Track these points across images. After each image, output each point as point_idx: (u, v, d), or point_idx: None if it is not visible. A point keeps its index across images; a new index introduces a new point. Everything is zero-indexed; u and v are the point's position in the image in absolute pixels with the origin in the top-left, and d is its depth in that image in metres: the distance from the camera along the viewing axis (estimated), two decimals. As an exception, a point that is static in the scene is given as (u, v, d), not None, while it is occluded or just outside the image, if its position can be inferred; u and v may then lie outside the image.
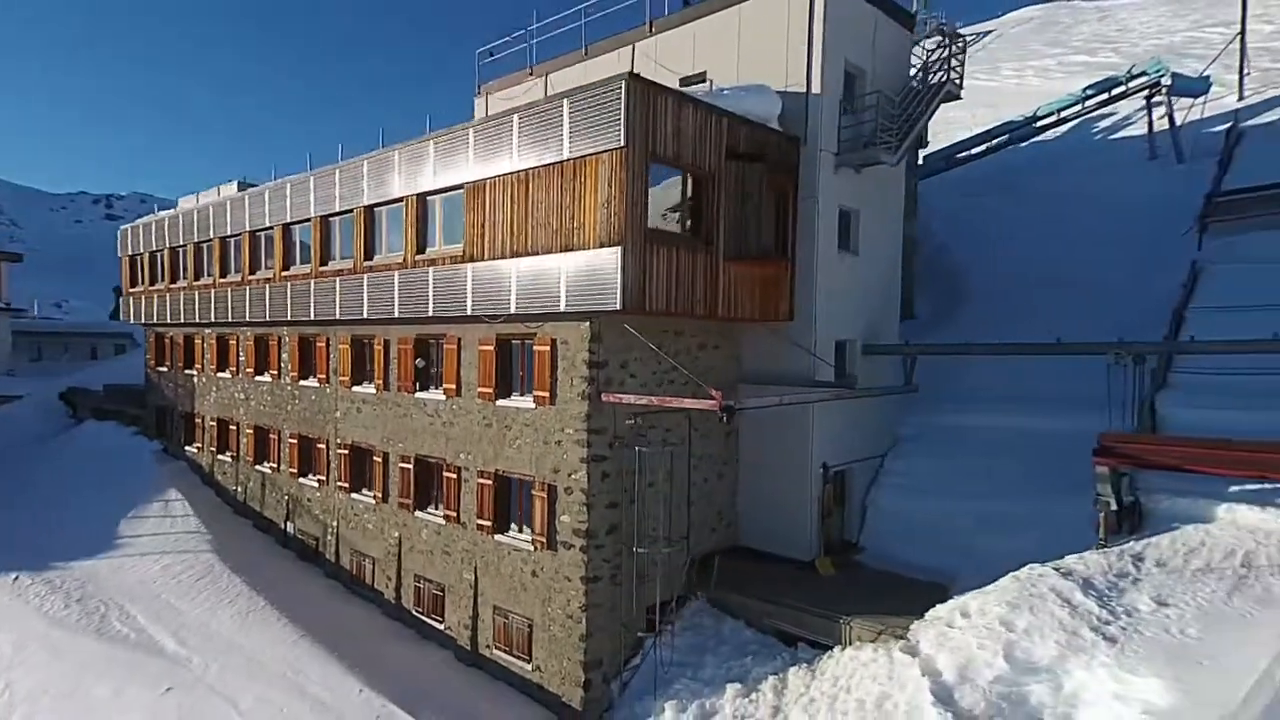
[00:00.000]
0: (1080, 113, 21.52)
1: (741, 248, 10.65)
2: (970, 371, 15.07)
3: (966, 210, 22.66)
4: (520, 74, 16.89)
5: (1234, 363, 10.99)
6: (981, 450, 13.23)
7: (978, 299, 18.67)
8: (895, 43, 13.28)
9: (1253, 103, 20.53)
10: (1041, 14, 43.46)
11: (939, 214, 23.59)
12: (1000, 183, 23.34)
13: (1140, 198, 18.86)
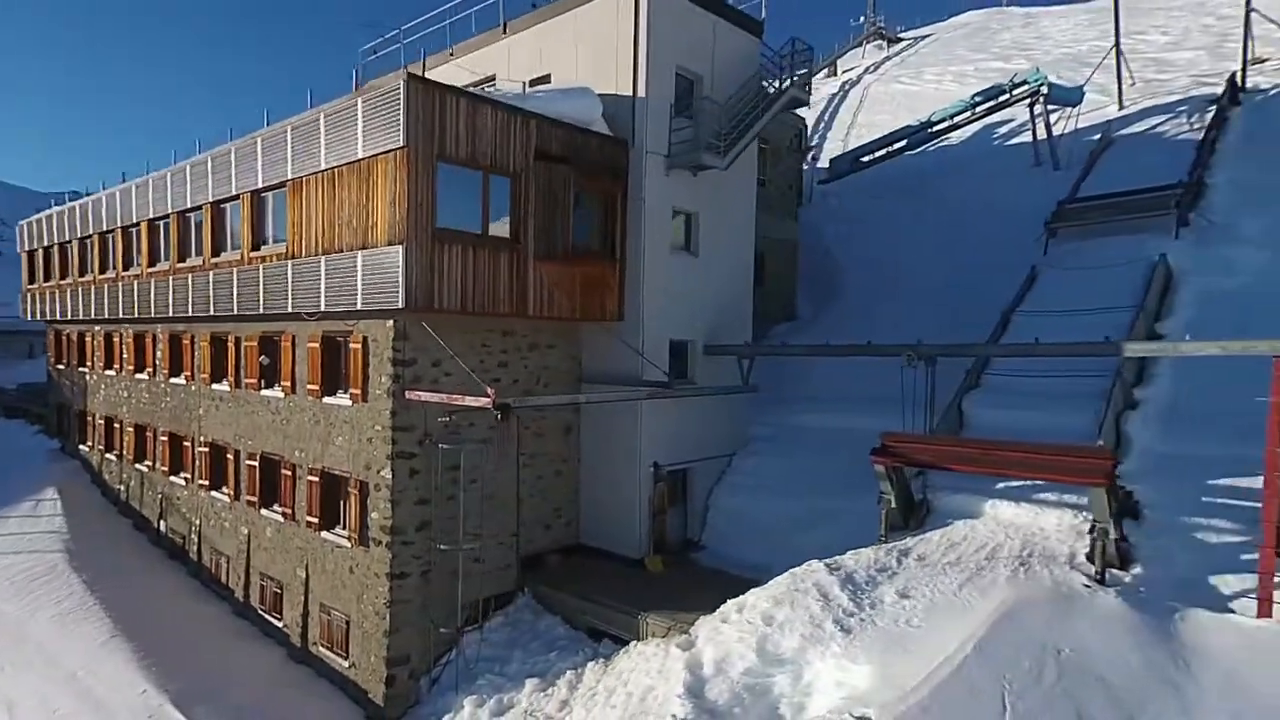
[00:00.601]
0: (971, 118, 22.00)
1: (552, 248, 10.81)
2: (820, 372, 15.42)
3: (866, 212, 23.07)
4: (397, 73, 16.89)
5: (1038, 365, 11.40)
6: (816, 449, 13.54)
7: (851, 299, 19.07)
8: (740, 50, 13.47)
9: (1129, 112, 21.14)
10: (978, 19, 44.22)
11: (841, 215, 24.03)
12: (903, 186, 23.80)
13: (1019, 203, 19.32)
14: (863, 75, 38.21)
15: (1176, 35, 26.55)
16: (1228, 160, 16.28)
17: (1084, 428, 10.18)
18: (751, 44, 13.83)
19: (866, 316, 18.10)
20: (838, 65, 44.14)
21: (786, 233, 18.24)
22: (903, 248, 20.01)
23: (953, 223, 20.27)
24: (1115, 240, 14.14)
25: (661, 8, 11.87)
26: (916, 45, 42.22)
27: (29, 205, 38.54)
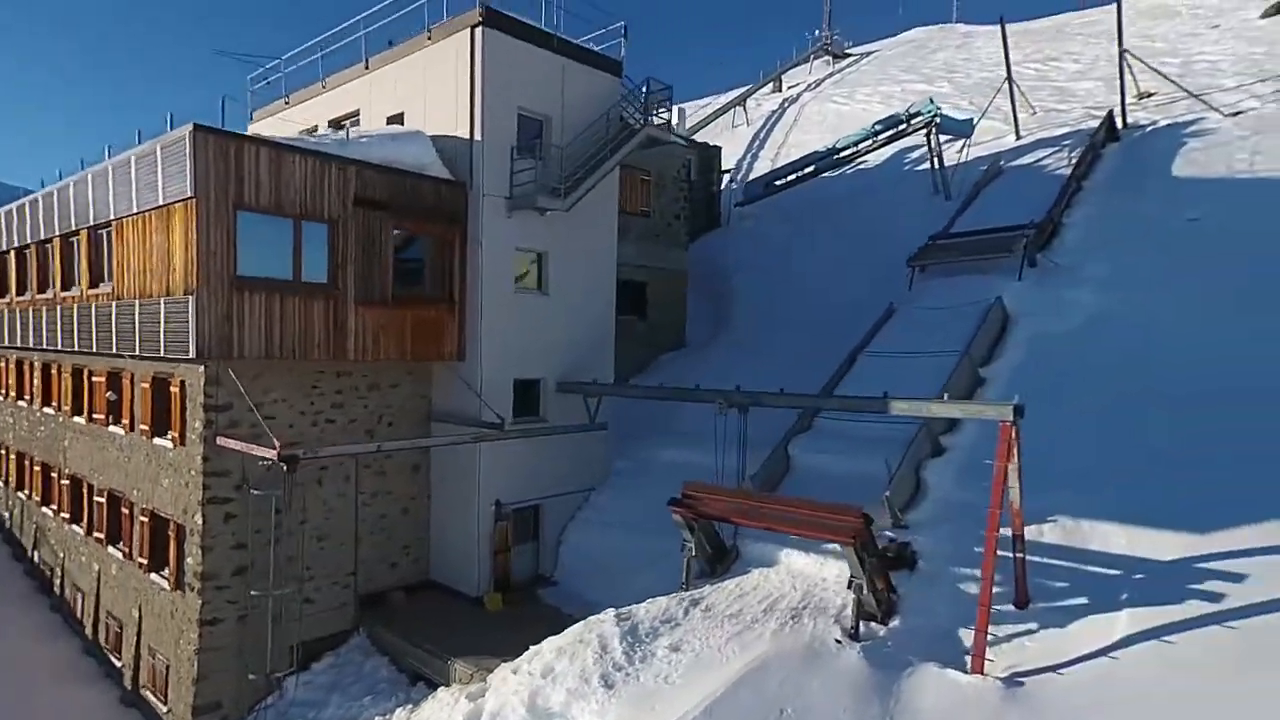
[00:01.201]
0: (873, 146, 22.35)
1: (374, 293, 10.87)
2: (691, 406, 15.58)
3: (772, 237, 23.35)
4: (279, 102, 16.87)
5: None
6: (672, 485, 13.62)
7: (741, 327, 19.32)
8: (594, 89, 13.60)
9: (1024, 143, 21.59)
10: (920, 37, 44.86)
11: (748, 239, 24.24)
12: (813, 210, 24.10)
13: (912, 232, 19.61)
14: (803, 93, 38.63)
15: (1086, 64, 27.12)
16: (1090, 198, 16.69)
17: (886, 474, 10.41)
18: (608, 83, 13.96)
19: (749, 346, 18.38)
20: (783, 80, 44.60)
21: (674, 262, 18.42)
22: (797, 275, 20.29)
23: (849, 250, 20.56)
24: (966, 280, 14.45)
25: (499, 51, 11.98)
26: (859, 63, 42.77)
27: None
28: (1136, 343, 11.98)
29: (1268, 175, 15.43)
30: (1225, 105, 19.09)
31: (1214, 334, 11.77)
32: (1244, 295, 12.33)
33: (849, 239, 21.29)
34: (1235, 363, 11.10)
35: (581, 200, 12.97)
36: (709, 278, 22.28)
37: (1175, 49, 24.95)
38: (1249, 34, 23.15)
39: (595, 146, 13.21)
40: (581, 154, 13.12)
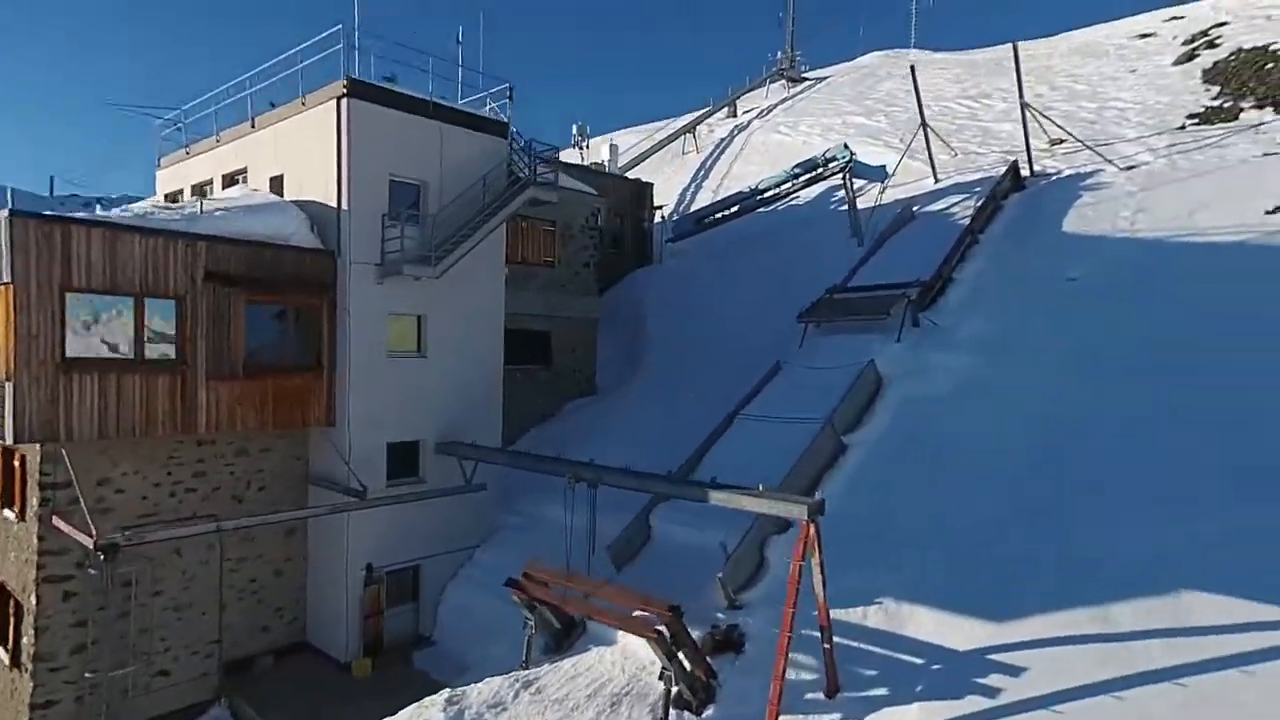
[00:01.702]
0: (793, 189, 22.62)
1: (228, 366, 10.85)
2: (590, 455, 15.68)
3: (697, 276, 23.52)
4: (181, 151, 16.81)
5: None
6: (554, 543, 13.74)
7: (652, 372, 19.46)
8: (477, 152, 13.68)
9: (941, 187, 21.96)
10: (873, 63, 45.45)
11: (674, 279, 24.38)
12: (741, 248, 24.34)
13: (831, 273, 19.89)
14: (754, 119, 38.99)
15: (1013, 102, 27.56)
16: (984, 251, 17.02)
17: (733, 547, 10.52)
18: (493, 144, 14.05)
19: (657, 392, 18.52)
20: (737, 105, 44.97)
21: (583, 310, 18.51)
22: (716, 316, 20.45)
23: (770, 290, 20.73)
24: (851, 339, 14.66)
25: (367, 121, 12.04)
26: (813, 88, 43.25)
27: (34, 209, 36.50)
28: (993, 411, 12.21)
29: (1146, 235, 15.82)
30: (1122, 158, 19.56)
31: (1067, 402, 12.04)
32: (1103, 362, 12.63)
33: (771, 278, 21.49)
34: (1082, 430, 11.38)
35: (467, 257, 13.05)
36: (631, 318, 22.44)
37: (1095, 92, 25.52)
38: (1160, 81, 23.71)
39: (473, 211, 13.28)
40: (461, 217, 13.19)
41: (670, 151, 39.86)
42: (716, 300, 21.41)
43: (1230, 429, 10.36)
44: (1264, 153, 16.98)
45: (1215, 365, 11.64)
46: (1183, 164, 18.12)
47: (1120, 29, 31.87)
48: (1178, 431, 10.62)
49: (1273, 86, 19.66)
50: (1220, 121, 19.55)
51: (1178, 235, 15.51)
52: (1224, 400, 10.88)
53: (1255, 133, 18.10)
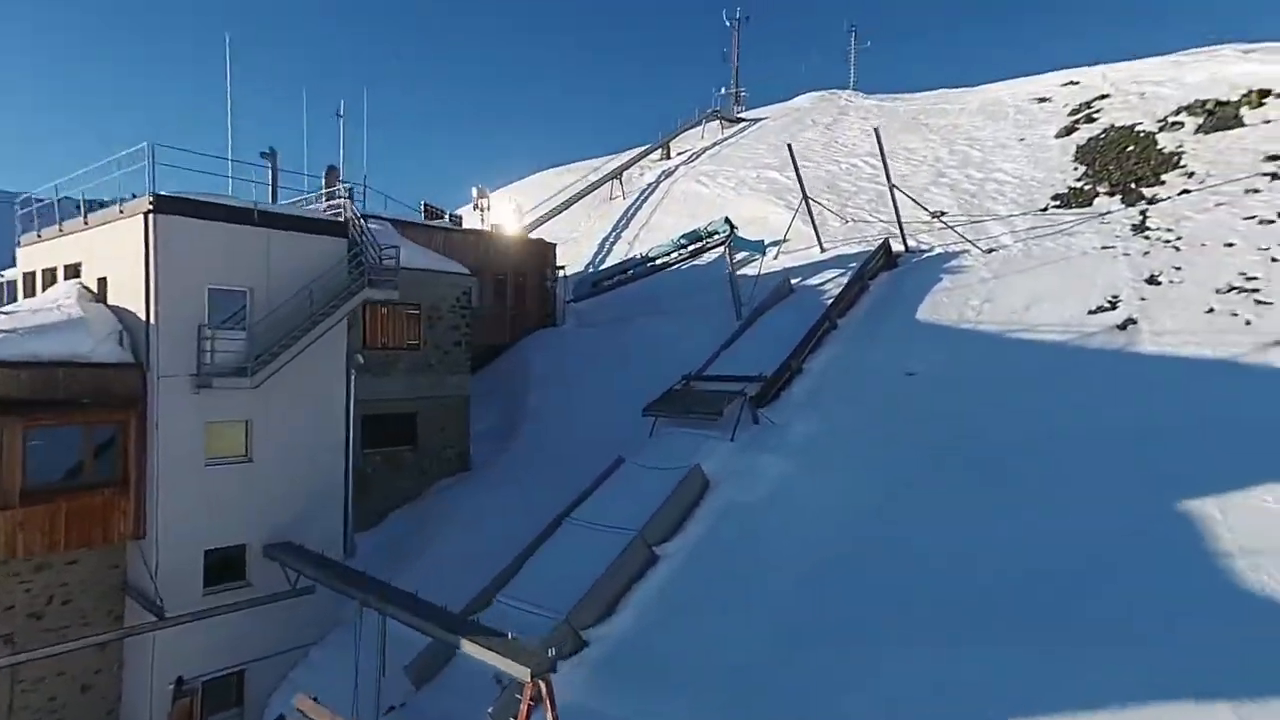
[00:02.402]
0: (681, 258, 22.99)
1: (10, 492, 10.74)
2: (419, 558, 15.71)
3: (585, 343, 23.75)
4: (34, 234, 16.62)
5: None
6: (384, 645, 13.74)
7: (523, 447, 19.55)
8: (314, 255, 13.75)
9: (826, 257, 22.48)
10: (806, 105, 46.22)
11: (564, 345, 24.52)
12: (637, 310, 24.65)
13: (701, 351, 20.19)
14: (679, 165, 39.49)
15: (913, 165, 28.33)
16: (840, 338, 17.45)
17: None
18: (330, 245, 14.13)
19: (513, 477, 18.52)
20: (671, 147, 45.46)
21: (452, 388, 18.54)
22: (590, 391, 20.62)
23: (646, 366, 20.78)
24: (691, 435, 14.89)
25: (181, 234, 12.06)
26: (745, 131, 43.89)
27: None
28: (800, 523, 12.47)
29: (987, 328, 16.35)
30: (988, 238, 20.21)
31: (874, 514, 12.35)
32: (919, 469, 12.99)
33: (655, 349, 21.69)
34: (881, 548, 11.68)
35: (305, 354, 13.12)
36: (518, 386, 22.54)
37: (984, 160, 26.32)
38: (1040, 154, 24.53)
39: (301, 316, 13.32)
40: (290, 323, 13.22)
41: (599, 195, 40.17)
42: (599, 371, 21.59)
43: (1010, 553, 10.72)
44: (1103, 245, 17.68)
45: (1010, 479, 12.08)
46: (1035, 251, 18.78)
47: (1025, 89, 32.88)
48: (956, 559, 10.92)
49: (1126, 173, 20.49)
50: (1077, 205, 20.29)
51: (1012, 330, 16.07)
52: (1016, 521, 11.24)
53: (1100, 221, 18.84)
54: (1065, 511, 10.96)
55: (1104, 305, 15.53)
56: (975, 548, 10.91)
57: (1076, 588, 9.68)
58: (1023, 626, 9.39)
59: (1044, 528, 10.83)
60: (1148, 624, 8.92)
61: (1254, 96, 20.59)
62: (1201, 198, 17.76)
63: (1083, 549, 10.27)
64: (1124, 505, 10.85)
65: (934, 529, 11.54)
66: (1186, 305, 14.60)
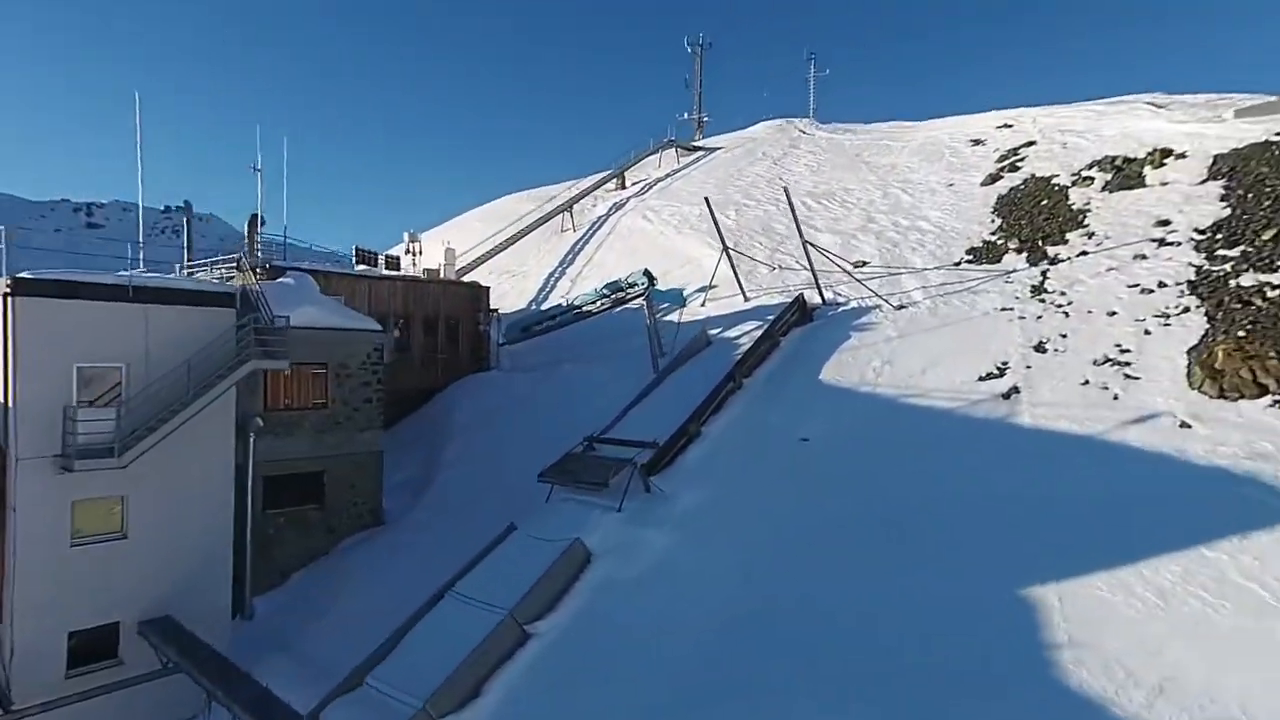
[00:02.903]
0: (604, 307, 23.12)
1: None
2: (322, 622, 15.62)
3: (516, 388, 23.78)
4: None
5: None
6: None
7: (435, 501, 19.52)
8: (194, 326, 13.70)
9: (748, 307, 22.70)
10: (762, 134, 46.74)
11: (495, 388, 24.52)
12: (564, 356, 24.74)
13: (617, 403, 20.28)
14: (628, 200, 39.73)
15: (848, 207, 28.75)
16: (742, 399, 17.61)
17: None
18: (215, 317, 14.08)
19: (419, 535, 18.47)
20: (626, 177, 45.71)
21: (363, 445, 18.47)
22: (507, 443, 20.63)
23: (566, 415, 20.92)
24: (576, 505, 14.95)
25: (44, 315, 12.00)
26: (696, 164, 44.19)
27: (19, 213, 34.41)
28: (676, 599, 12.53)
29: (883, 392, 16.58)
30: (901, 293, 20.54)
31: (752, 591, 12.44)
32: (798, 543, 13.12)
33: (575, 398, 21.79)
34: (756, 627, 11.76)
35: (189, 424, 13.04)
36: (440, 434, 22.51)
37: (913, 206, 26.75)
38: (964, 204, 24.96)
39: (180, 391, 13.24)
40: (169, 397, 13.14)
41: (552, 227, 40.30)
42: (523, 418, 21.63)
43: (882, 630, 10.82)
44: (1002, 307, 18.03)
45: (888, 555, 12.22)
46: (941, 309, 19.10)
47: (965, 128, 33.48)
48: (845, 626, 10.97)
49: (1036, 229, 20.94)
50: (988, 261, 20.69)
51: (906, 395, 16.30)
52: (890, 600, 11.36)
53: (1005, 280, 19.22)
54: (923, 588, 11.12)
55: (993, 372, 15.82)
56: (853, 617, 11.01)
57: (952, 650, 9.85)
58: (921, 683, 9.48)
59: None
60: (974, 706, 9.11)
61: (1156, 156, 21.17)
62: (1097, 260, 18.20)
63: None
64: (976, 579, 11.07)
65: (821, 597, 11.63)
66: (1065, 376, 14.92)
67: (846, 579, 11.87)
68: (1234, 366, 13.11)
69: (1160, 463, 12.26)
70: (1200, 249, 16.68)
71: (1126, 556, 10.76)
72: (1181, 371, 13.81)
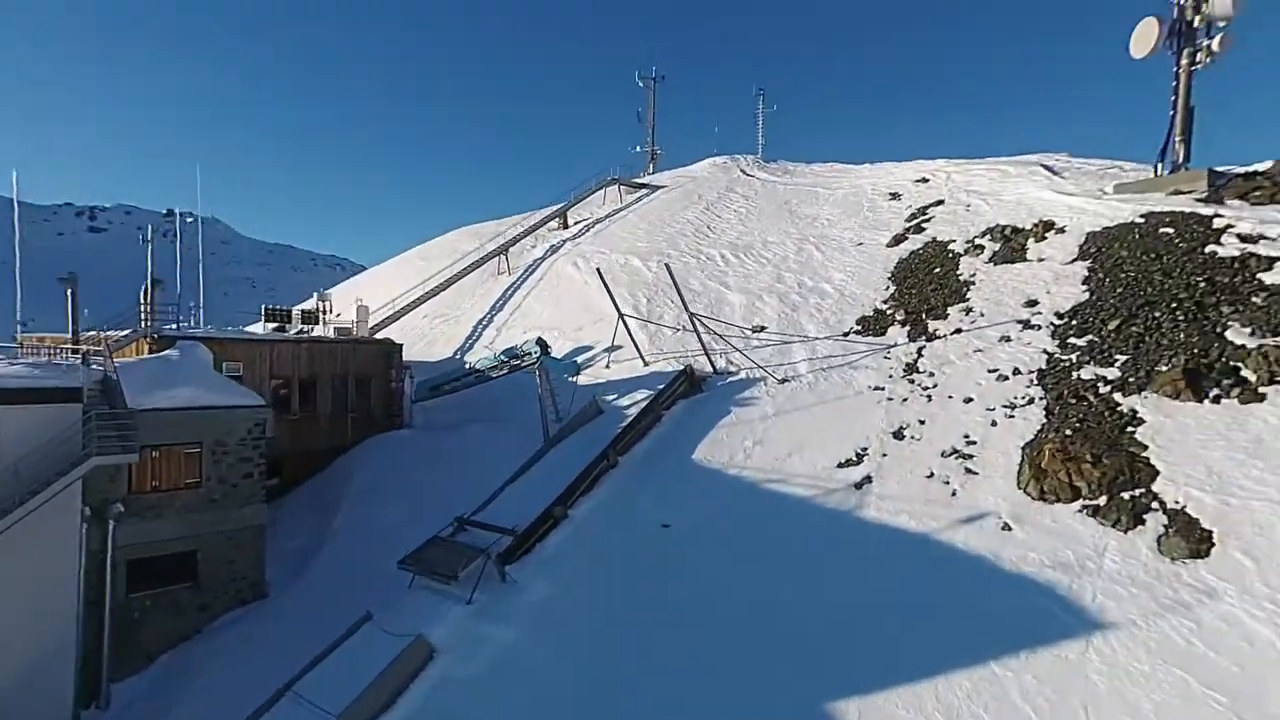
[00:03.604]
0: (504, 373, 23.29)
1: None
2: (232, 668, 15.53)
3: (418, 449, 23.83)
4: None
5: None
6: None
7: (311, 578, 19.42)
8: (30, 426, 13.68)
9: (646, 373, 22.96)
10: (704, 173, 47.19)
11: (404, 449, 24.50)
12: (468, 416, 24.85)
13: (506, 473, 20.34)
14: (564, 242, 39.95)
15: (764, 262, 29.17)
16: (616, 477, 17.80)
17: None
18: (60, 412, 14.06)
19: (295, 611, 18.38)
20: (569, 216, 45.92)
21: (242, 520, 18.37)
22: (397, 513, 20.59)
23: (461, 476, 21.11)
24: (430, 595, 15.00)
25: None
26: (639, 203, 44.53)
27: (22, 218, 34.04)
28: (511, 703, 12.63)
29: (750, 476, 16.85)
30: (788, 364, 20.91)
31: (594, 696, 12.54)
32: (645, 642, 13.24)
33: (481, 456, 21.91)
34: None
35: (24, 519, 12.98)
36: (337, 499, 22.45)
37: (824, 264, 27.22)
38: (867, 266, 25.48)
39: (8, 493, 13.19)
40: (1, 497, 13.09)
41: (487, 270, 40.38)
42: (417, 486, 21.60)
43: None
44: (875, 385, 18.42)
45: (716, 657, 12.39)
46: (821, 384, 19.47)
47: (888, 179, 34.17)
48: None
49: (923, 300, 21.43)
50: (874, 332, 21.14)
51: (770, 480, 16.57)
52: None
53: (884, 355, 19.66)
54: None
55: (852, 459, 16.16)
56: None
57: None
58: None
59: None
60: None
61: (1039, 228, 21.81)
62: (968, 340, 18.66)
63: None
64: (789, 686, 11.30)
65: (644, 697, 11.80)
66: (914, 467, 15.27)
67: (673, 678, 12.06)
68: (1055, 468, 13.53)
69: (977, 568, 12.59)
70: (1056, 335, 17.20)
71: (927, 670, 11.05)
72: (1015, 468, 14.22)
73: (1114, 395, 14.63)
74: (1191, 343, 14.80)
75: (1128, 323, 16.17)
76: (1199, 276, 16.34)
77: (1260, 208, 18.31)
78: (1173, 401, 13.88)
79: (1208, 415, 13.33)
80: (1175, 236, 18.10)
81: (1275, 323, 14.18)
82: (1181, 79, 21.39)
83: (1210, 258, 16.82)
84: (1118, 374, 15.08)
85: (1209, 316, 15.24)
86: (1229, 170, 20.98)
